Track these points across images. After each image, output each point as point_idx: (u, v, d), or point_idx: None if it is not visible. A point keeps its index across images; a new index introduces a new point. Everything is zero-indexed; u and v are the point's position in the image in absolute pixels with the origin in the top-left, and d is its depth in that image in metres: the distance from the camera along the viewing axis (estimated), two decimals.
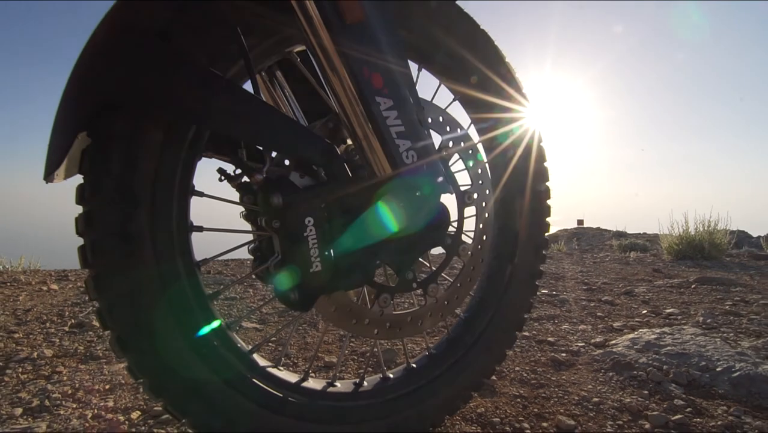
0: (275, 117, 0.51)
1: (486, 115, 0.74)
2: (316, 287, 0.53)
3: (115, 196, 0.47)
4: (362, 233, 0.56)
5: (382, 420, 0.65)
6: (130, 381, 0.96)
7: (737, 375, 0.90)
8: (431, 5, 0.64)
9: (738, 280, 2.32)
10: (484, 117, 0.74)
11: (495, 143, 0.76)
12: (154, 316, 0.49)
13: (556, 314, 1.50)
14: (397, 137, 0.50)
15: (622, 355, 1.03)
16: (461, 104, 0.75)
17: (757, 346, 1.11)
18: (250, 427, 0.55)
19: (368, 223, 0.56)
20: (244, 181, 0.59)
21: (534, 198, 0.78)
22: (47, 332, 1.33)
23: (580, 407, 0.82)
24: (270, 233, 0.53)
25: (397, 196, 0.54)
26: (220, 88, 0.47)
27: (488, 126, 0.75)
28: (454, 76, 0.71)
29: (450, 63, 0.70)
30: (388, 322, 0.64)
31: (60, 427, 0.77)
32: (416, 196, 0.55)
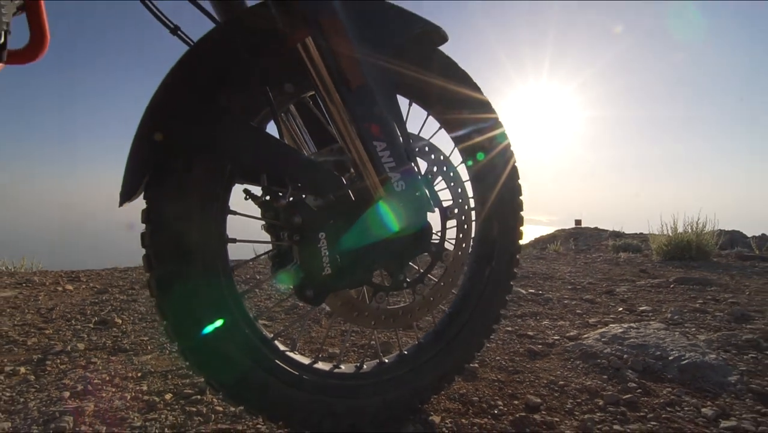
0: (294, 157, 0.66)
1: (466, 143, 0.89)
2: (326, 286, 0.68)
3: (172, 218, 0.62)
4: (362, 244, 0.71)
5: (379, 396, 0.80)
6: (159, 369, 1.11)
7: (685, 363, 1.05)
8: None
9: (717, 280, 2.48)
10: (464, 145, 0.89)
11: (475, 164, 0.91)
12: (201, 309, 0.64)
13: (539, 312, 1.65)
14: (389, 171, 0.65)
15: (590, 346, 1.18)
16: (446, 132, 0.90)
17: (711, 339, 1.26)
18: (272, 397, 0.70)
19: (367, 235, 0.71)
20: (265, 200, 0.73)
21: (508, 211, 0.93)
22: (74, 328, 1.48)
23: (548, 388, 0.97)
24: (291, 244, 0.68)
25: (389, 214, 0.69)
26: (251, 136, 0.62)
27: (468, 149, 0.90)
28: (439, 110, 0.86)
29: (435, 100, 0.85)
30: (384, 315, 0.79)
31: (105, 406, 0.92)
32: (405, 215, 0.70)
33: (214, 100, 0.61)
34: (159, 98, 0.60)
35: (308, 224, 0.64)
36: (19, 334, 1.41)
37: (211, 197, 0.65)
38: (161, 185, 0.62)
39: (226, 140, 0.61)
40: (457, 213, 0.84)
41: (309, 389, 0.73)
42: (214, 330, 0.65)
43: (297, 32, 0.59)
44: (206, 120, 0.60)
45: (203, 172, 0.63)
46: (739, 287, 2.28)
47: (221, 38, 0.64)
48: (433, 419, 0.84)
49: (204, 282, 0.64)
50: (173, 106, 0.60)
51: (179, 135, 0.60)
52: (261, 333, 0.72)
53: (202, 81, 0.61)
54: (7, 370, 1.11)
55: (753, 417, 0.84)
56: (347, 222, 0.68)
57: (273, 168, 0.64)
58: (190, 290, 0.64)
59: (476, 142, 0.89)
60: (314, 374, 0.76)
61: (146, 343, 1.32)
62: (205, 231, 0.64)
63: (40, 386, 1.02)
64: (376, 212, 0.68)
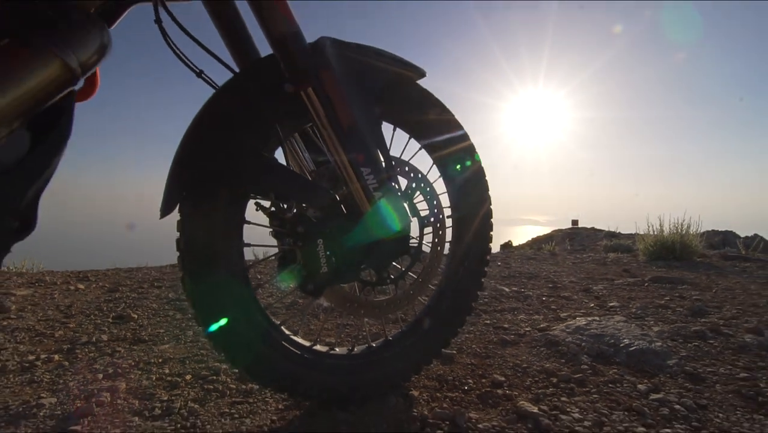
0: (297, 179, 0.84)
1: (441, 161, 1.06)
2: (324, 282, 0.86)
3: (202, 229, 0.79)
4: (353, 247, 0.88)
5: (367, 374, 0.98)
6: (177, 356, 1.28)
7: (633, 349, 1.24)
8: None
9: (691, 279, 2.67)
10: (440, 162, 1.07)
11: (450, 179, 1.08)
12: (223, 300, 0.82)
13: (518, 307, 1.84)
14: (374, 190, 0.83)
15: (555, 336, 1.37)
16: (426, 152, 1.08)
17: (663, 330, 1.45)
18: (279, 372, 0.88)
19: (356, 241, 0.88)
20: (272, 211, 0.91)
21: (481, 219, 1.11)
22: (95, 322, 1.65)
23: (513, 370, 1.15)
24: (295, 248, 0.85)
25: (374, 224, 0.87)
26: (263, 164, 0.80)
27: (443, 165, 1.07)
28: (419, 135, 1.04)
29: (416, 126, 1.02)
30: (371, 306, 0.97)
31: (135, 385, 1.09)
32: (387, 224, 0.87)
33: (235, 136, 0.79)
34: (191, 134, 0.77)
35: (309, 232, 0.82)
36: (45, 328, 1.58)
37: (231, 211, 0.82)
38: (193, 204, 0.79)
39: (244, 169, 0.79)
40: (433, 221, 1.02)
41: (309, 366, 0.91)
42: (233, 317, 0.82)
43: (301, 83, 0.76)
44: (229, 153, 0.78)
45: (226, 193, 0.80)
46: (710, 285, 2.47)
47: (239, 85, 0.81)
48: (413, 393, 1.01)
49: (225, 279, 0.82)
50: (202, 141, 0.78)
51: (208, 165, 0.78)
52: (270, 319, 0.90)
53: (225, 120, 0.79)
54: (43, 357, 1.28)
55: (679, 392, 1.02)
56: (340, 231, 0.86)
57: (280, 188, 0.81)
58: (214, 285, 0.81)
59: (450, 160, 1.07)
60: (313, 355, 0.93)
61: (162, 334, 1.49)
62: (226, 238, 0.82)
63: (74, 370, 1.19)
64: (363, 222, 0.86)
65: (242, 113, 0.80)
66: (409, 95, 1.00)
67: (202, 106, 0.80)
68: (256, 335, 0.85)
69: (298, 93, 0.77)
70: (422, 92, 1.01)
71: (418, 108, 1.01)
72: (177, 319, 1.69)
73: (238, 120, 0.80)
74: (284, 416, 0.93)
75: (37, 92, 0.39)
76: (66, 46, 0.42)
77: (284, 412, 0.94)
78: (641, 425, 0.86)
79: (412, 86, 1.00)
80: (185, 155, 0.77)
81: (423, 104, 1.02)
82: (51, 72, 0.41)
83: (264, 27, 0.77)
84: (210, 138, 0.78)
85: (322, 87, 0.77)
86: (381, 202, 0.85)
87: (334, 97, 0.78)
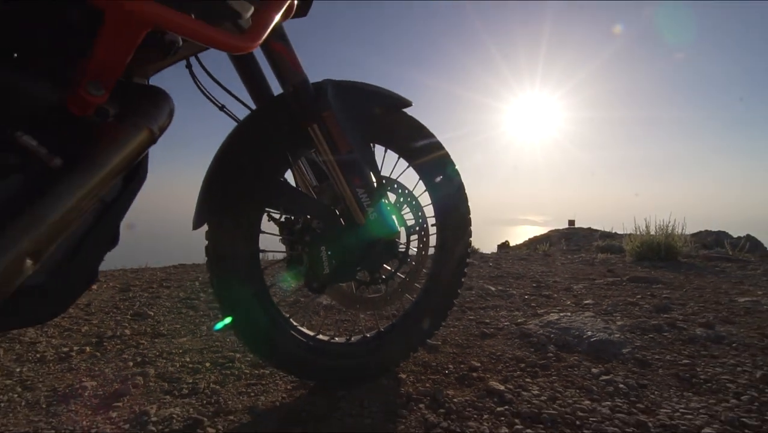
0: (305, 198, 1.03)
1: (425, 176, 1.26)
2: (326, 281, 1.05)
3: (226, 238, 0.99)
4: (350, 252, 1.08)
5: (362, 359, 1.17)
6: (195, 347, 1.47)
7: (594, 340, 1.43)
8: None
9: (668, 279, 2.87)
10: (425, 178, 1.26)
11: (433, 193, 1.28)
12: (244, 296, 1.01)
13: (500, 305, 2.03)
14: (366, 207, 1.02)
15: (529, 329, 1.57)
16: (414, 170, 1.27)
17: (624, 324, 1.65)
18: (288, 358, 1.07)
19: (352, 247, 1.07)
20: (283, 222, 1.10)
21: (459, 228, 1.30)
22: (115, 319, 1.83)
23: (488, 357, 1.35)
24: (302, 253, 1.05)
25: (367, 234, 1.06)
26: (277, 185, 0.99)
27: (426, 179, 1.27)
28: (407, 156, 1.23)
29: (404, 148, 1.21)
30: (365, 301, 1.17)
31: (163, 371, 1.28)
32: (378, 234, 1.07)
33: (253, 162, 0.98)
34: (218, 160, 0.96)
35: (314, 241, 1.01)
36: (70, 324, 1.76)
37: (250, 224, 1.01)
38: (219, 217, 0.98)
39: (261, 189, 0.98)
40: (418, 230, 1.22)
41: (314, 352, 1.10)
42: (252, 310, 1.02)
43: (307, 121, 0.95)
44: (249, 176, 0.97)
45: (247, 209, 1.00)
46: (683, 284, 2.68)
47: (256, 120, 1.01)
48: (401, 376, 1.21)
49: (246, 278, 1.01)
50: (227, 166, 0.97)
51: (232, 186, 0.97)
52: (281, 313, 1.09)
53: (245, 149, 0.98)
54: (76, 349, 1.47)
55: (626, 374, 1.22)
56: (339, 239, 1.05)
57: (290, 204, 1.01)
58: (236, 283, 1.00)
59: (432, 175, 1.26)
60: (317, 342, 1.13)
61: (179, 329, 1.68)
62: (246, 245, 1.01)
63: (106, 360, 1.38)
64: (358, 232, 1.05)
65: (259, 143, 0.99)
66: (398, 122, 1.19)
67: (227, 137, 0.99)
68: (270, 326, 1.04)
69: (305, 128, 0.97)
70: (409, 119, 1.21)
71: (406, 133, 1.20)
72: (190, 315, 1.88)
73: (255, 149, 0.99)
74: (292, 393, 1.12)
75: (133, 154, 0.58)
76: (150, 118, 0.60)
77: (292, 391, 1.14)
78: (587, 399, 1.06)
79: (400, 114, 1.19)
80: (213, 178, 0.96)
81: (410, 129, 1.21)
82: (142, 139, 0.59)
83: (277, 75, 0.96)
84: (233, 164, 0.97)
85: (324, 124, 0.96)
86: (373, 215, 1.04)
87: (333, 131, 0.97)
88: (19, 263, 0.47)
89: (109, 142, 0.55)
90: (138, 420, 0.99)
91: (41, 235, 0.48)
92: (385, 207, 1.08)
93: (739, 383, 1.16)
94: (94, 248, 0.60)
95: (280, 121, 1.00)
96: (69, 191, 0.50)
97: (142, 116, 0.60)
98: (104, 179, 0.53)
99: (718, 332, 1.56)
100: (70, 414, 1.04)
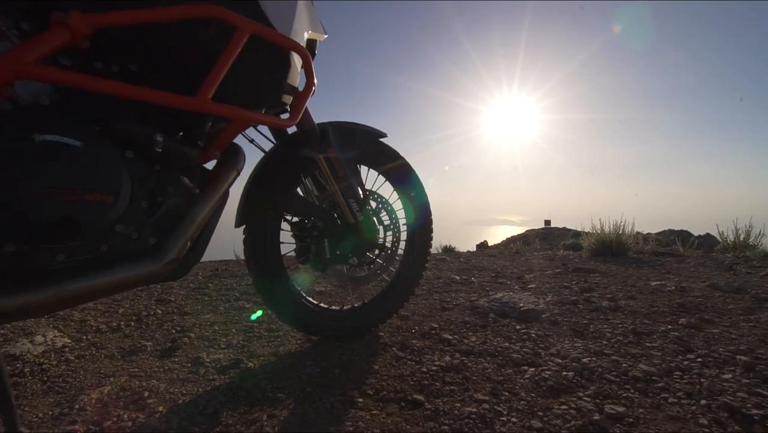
0: (312, 206, 1.53)
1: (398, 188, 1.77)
2: (327, 263, 1.55)
3: (259, 234, 1.48)
4: (344, 243, 1.58)
5: (353, 322, 1.68)
6: (219, 321, 1.94)
7: (523, 309, 1.99)
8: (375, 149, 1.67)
9: (606, 270, 3.49)
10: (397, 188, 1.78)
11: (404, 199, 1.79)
12: (272, 279, 1.50)
13: (461, 289, 2.58)
14: (356, 212, 1.53)
15: (479, 304, 2.11)
16: (389, 182, 1.78)
17: (551, 300, 2.22)
18: (302, 318, 1.56)
19: (346, 240, 1.58)
20: (295, 223, 1.59)
21: (424, 227, 1.82)
22: (143, 303, 2.27)
23: (444, 321, 1.88)
24: (310, 245, 1.54)
25: (357, 231, 1.57)
26: (293, 198, 1.49)
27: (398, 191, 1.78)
28: (383, 172, 1.74)
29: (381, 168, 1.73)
30: (354, 279, 1.68)
31: (201, 335, 1.74)
32: (363, 231, 1.58)
33: (276, 180, 1.47)
34: (252, 179, 1.45)
35: (320, 236, 1.52)
36: (106, 308, 2.19)
37: (274, 224, 1.50)
38: (253, 219, 1.47)
39: (282, 199, 1.47)
40: (392, 229, 1.73)
41: (319, 316, 1.60)
42: (279, 288, 1.51)
43: (316, 154, 1.45)
44: (273, 189, 1.46)
45: (271, 213, 1.49)
46: (617, 274, 3.30)
47: (279, 151, 1.50)
48: (380, 333, 1.72)
49: (274, 265, 1.50)
50: (258, 183, 1.45)
51: (262, 197, 1.46)
52: (296, 287, 1.58)
53: (271, 171, 1.47)
54: (122, 324, 1.91)
55: (538, 328, 1.77)
56: (337, 234, 1.56)
57: (301, 210, 1.51)
58: (267, 269, 1.49)
59: (401, 186, 1.78)
60: (320, 309, 1.63)
61: (201, 309, 2.14)
62: (272, 238, 1.50)
63: (151, 330, 1.84)
64: (350, 230, 1.56)
65: (281, 167, 1.48)
66: (377, 150, 1.70)
67: (258, 163, 1.48)
68: (292, 298, 1.54)
69: (313, 158, 1.47)
70: (384, 147, 1.72)
71: (382, 157, 1.72)
72: (206, 300, 2.34)
73: (278, 171, 1.48)
74: (302, 345, 1.62)
75: (229, 185, 1.06)
76: (236, 164, 1.07)
77: (302, 344, 1.63)
78: (507, 342, 1.60)
79: (378, 143, 1.71)
80: (249, 191, 1.45)
81: (385, 154, 1.72)
82: (233, 177, 1.07)
83: None
84: (262, 181, 1.46)
85: (327, 155, 1.46)
86: (360, 218, 1.55)
87: (333, 160, 1.47)
88: (185, 243, 0.94)
89: (219, 180, 1.03)
90: (196, 361, 1.46)
91: (195, 228, 0.95)
92: (369, 212, 1.60)
93: (615, 333, 1.73)
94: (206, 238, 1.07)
95: (296, 153, 1.49)
96: (203, 206, 0.98)
97: (233, 164, 1.08)
98: (218, 200, 1.02)
99: (619, 304, 2.14)
100: (142, 360, 1.50)
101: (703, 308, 2.08)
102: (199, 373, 1.37)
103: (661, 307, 2.10)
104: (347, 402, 1.15)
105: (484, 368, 1.36)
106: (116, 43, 0.85)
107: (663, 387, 1.22)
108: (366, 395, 1.19)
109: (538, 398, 1.16)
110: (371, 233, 1.62)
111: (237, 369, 1.40)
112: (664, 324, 1.82)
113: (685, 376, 1.29)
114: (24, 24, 0.78)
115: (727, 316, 1.94)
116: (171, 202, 0.94)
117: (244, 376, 1.34)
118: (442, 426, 1.02)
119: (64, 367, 1.43)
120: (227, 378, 1.33)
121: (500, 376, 1.31)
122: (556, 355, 1.48)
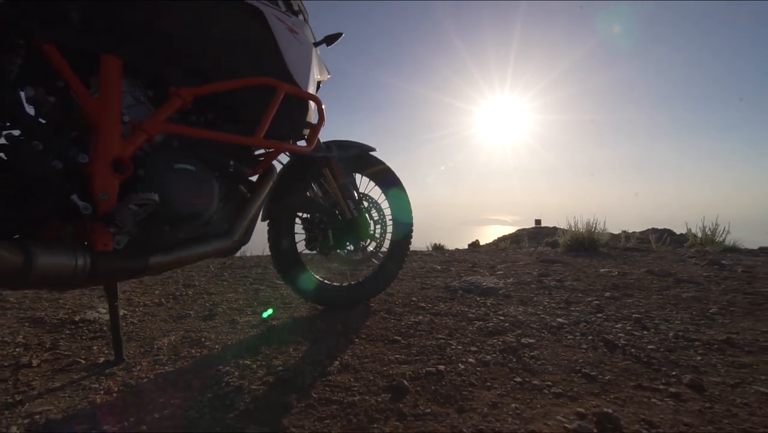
0: (319, 204, 2.08)
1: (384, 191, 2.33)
2: (331, 249, 2.11)
3: (281, 226, 2.03)
4: (344, 234, 2.14)
5: (352, 297, 2.23)
6: (241, 299, 2.48)
7: (486, 287, 2.56)
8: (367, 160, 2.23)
9: (570, 262, 4.09)
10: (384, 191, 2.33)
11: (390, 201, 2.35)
12: (292, 266, 2.05)
13: (440, 276, 3.15)
14: (353, 210, 2.08)
15: (452, 285, 2.68)
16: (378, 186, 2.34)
17: (510, 282, 2.79)
18: (318, 293, 2.12)
19: (344, 232, 2.14)
20: (305, 218, 2.15)
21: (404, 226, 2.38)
22: (172, 288, 2.80)
23: (422, 296, 2.44)
24: (319, 235, 2.10)
25: (353, 226, 2.13)
26: (307, 199, 2.04)
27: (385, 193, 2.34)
28: (372, 178, 2.30)
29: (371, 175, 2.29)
30: (352, 261, 2.24)
31: (231, 307, 2.28)
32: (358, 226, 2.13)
33: (292, 186, 2.02)
34: (275, 185, 2.00)
35: (326, 227, 2.07)
36: (144, 290, 2.72)
37: (291, 218, 2.06)
38: (276, 215, 2.02)
39: (296, 201, 2.02)
40: (380, 224, 2.29)
41: (328, 290, 2.16)
42: (297, 273, 2.06)
43: (322, 166, 2.00)
44: (290, 193, 2.01)
45: (289, 211, 2.04)
46: (577, 264, 3.89)
47: (294, 164, 2.05)
48: (371, 305, 2.28)
49: (293, 255, 2.05)
50: (280, 188, 2.00)
51: (282, 199, 2.01)
52: (312, 272, 2.14)
53: (288, 179, 2.02)
54: (162, 300, 2.44)
55: (493, 300, 2.34)
56: (339, 228, 2.11)
57: (311, 208, 2.06)
58: (287, 252, 2.05)
59: (389, 192, 2.34)
60: (326, 285, 2.18)
61: (224, 290, 2.68)
62: (289, 231, 2.06)
63: (189, 304, 2.37)
64: (348, 224, 2.12)
65: (296, 176, 2.03)
66: (367, 160, 2.26)
67: (278, 173, 2.03)
68: (309, 278, 2.09)
69: (321, 170, 2.02)
70: (373, 158, 2.28)
71: (371, 166, 2.28)
72: (225, 284, 2.88)
73: (294, 179, 2.03)
74: (311, 313, 2.17)
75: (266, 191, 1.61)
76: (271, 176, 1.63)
77: (311, 312, 2.19)
78: (467, 308, 2.17)
79: (369, 156, 2.27)
80: (274, 194, 1.99)
81: (374, 164, 2.28)
82: (270, 186, 1.62)
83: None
84: (282, 187, 2.01)
85: (331, 166, 2.01)
86: (357, 215, 2.10)
87: (335, 169, 2.02)
88: (244, 229, 1.48)
89: (261, 188, 1.58)
90: (232, 322, 2.01)
91: (248, 220, 1.50)
92: (362, 210, 2.16)
93: (551, 302, 2.31)
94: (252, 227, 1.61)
95: (307, 165, 2.04)
96: (253, 206, 1.52)
97: (270, 177, 1.63)
98: (261, 202, 1.56)
99: (564, 285, 2.73)
100: (190, 322, 2.04)
101: (631, 286, 2.68)
102: (237, 328, 1.92)
103: (597, 286, 2.70)
104: (347, 341, 1.71)
105: (446, 323, 1.93)
106: (203, 101, 1.40)
107: (567, 331, 1.80)
108: (360, 337, 1.75)
109: (480, 336, 1.73)
110: (365, 226, 2.18)
111: (265, 326, 1.94)
112: (592, 297, 2.41)
113: (587, 326, 1.88)
114: (149, 91, 1.33)
115: (645, 292, 2.54)
116: (234, 203, 1.49)
117: (271, 329, 1.89)
118: (411, 350, 1.59)
119: (132, 327, 1.97)
120: (259, 331, 1.88)
121: (456, 326, 1.88)
122: (500, 315, 2.05)
